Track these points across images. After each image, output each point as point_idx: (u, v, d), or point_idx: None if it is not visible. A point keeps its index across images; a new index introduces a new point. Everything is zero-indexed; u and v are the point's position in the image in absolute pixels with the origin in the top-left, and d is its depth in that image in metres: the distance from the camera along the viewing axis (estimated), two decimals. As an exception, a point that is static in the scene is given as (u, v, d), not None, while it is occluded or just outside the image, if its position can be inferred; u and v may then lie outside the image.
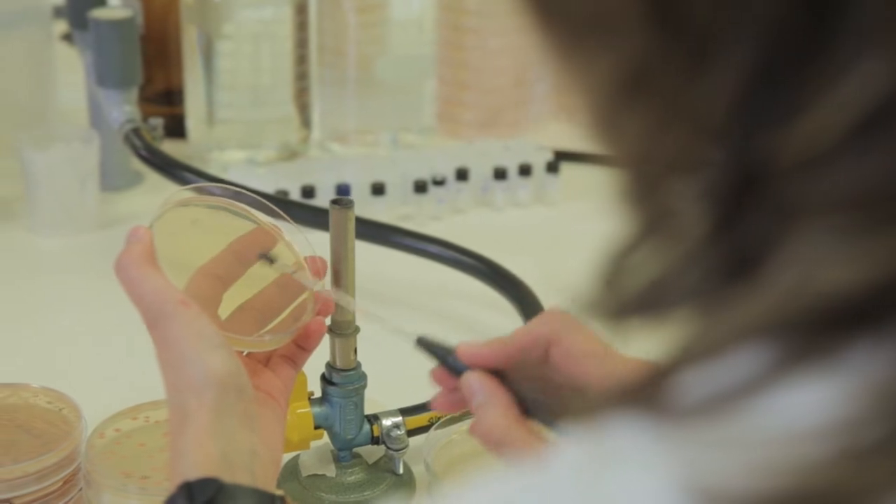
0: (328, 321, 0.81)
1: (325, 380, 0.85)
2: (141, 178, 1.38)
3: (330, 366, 0.85)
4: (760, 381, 0.29)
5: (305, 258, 0.77)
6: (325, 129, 1.46)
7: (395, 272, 1.15)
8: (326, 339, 0.84)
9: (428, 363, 1.05)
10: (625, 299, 0.34)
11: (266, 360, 0.75)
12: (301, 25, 1.38)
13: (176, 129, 1.38)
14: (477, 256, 1.07)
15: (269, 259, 0.73)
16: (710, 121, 0.30)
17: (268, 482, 0.65)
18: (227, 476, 0.62)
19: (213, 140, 1.39)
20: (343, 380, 0.84)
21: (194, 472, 0.62)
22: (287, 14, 1.37)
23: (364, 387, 0.85)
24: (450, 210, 1.32)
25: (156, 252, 0.71)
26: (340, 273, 0.81)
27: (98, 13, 1.23)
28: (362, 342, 0.84)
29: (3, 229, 1.26)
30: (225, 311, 0.74)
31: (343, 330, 0.83)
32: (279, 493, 0.64)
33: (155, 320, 0.68)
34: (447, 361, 0.66)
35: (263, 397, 0.72)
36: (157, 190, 1.35)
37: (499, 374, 0.65)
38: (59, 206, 1.24)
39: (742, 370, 0.30)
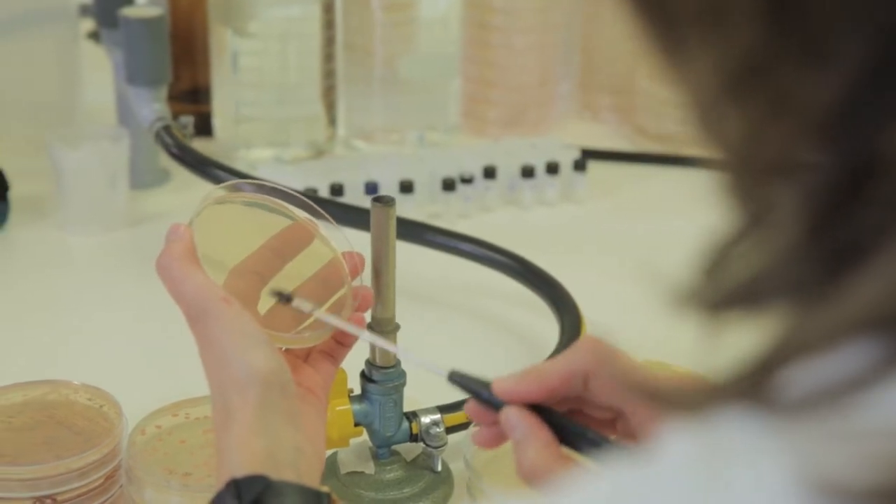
0: (368, 317, 0.82)
1: (365, 377, 0.85)
2: (168, 175, 1.38)
3: (370, 363, 0.85)
4: (869, 376, 0.30)
5: (343, 254, 0.76)
6: (351, 127, 1.47)
7: (427, 270, 1.15)
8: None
9: (469, 360, 1.06)
10: (724, 292, 0.34)
11: (305, 356, 0.75)
12: (328, 24, 1.39)
13: (202, 127, 1.39)
14: (511, 255, 1.07)
15: (286, 298, 0.72)
16: (819, 117, 0.30)
17: (312, 479, 0.65)
18: (273, 473, 0.62)
19: (239, 138, 1.40)
20: (383, 377, 0.85)
21: (241, 470, 0.62)
22: (315, 12, 1.37)
23: (403, 384, 0.86)
24: (477, 208, 1.32)
25: (196, 250, 0.71)
26: (381, 271, 0.82)
27: (128, 11, 1.24)
28: (401, 339, 0.84)
29: (33, 227, 1.27)
30: (264, 307, 0.73)
31: (383, 327, 0.84)
32: (325, 489, 0.64)
33: (197, 318, 0.68)
34: (482, 396, 0.65)
35: (304, 393, 0.72)
36: (185, 188, 1.36)
37: (537, 405, 0.64)
38: (90, 203, 1.24)
39: (850, 364, 0.30)
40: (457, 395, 0.91)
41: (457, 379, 0.66)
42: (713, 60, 0.33)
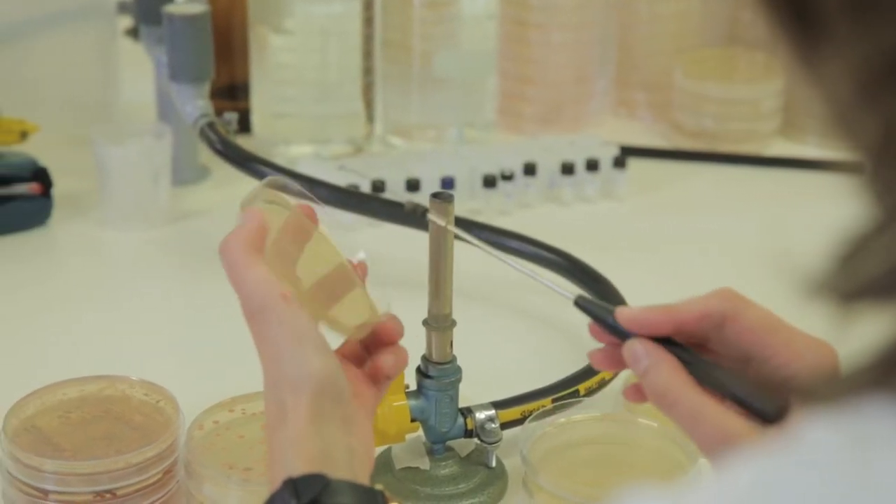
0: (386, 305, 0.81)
1: (421, 373, 0.86)
2: (208, 172, 1.38)
3: (426, 359, 0.85)
4: None
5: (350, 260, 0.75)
6: (387, 124, 1.47)
7: (471, 267, 1.15)
8: (423, 332, 0.85)
9: (518, 357, 1.06)
10: (860, 282, 0.34)
11: (359, 360, 0.74)
12: (368, 21, 1.39)
13: (240, 123, 1.39)
14: (560, 252, 1.07)
15: (423, 211, 0.71)
16: None
17: (364, 479, 0.65)
18: (330, 472, 0.62)
19: (278, 135, 1.40)
20: (439, 373, 0.85)
21: (297, 469, 0.62)
22: (355, 9, 1.37)
23: (459, 380, 0.86)
24: (517, 205, 1.32)
25: (262, 240, 0.70)
26: (439, 267, 0.82)
27: (172, 8, 1.24)
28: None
29: (75, 223, 1.27)
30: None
31: (440, 323, 0.84)
32: (379, 487, 0.64)
33: (254, 313, 0.67)
34: (607, 322, 0.65)
35: (355, 396, 0.71)
36: (225, 184, 1.36)
37: (661, 341, 0.65)
38: (133, 200, 1.24)
39: None
40: (510, 391, 0.92)
41: (582, 303, 0.67)
42: (855, 57, 0.33)
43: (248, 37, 1.40)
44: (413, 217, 0.77)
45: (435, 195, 0.81)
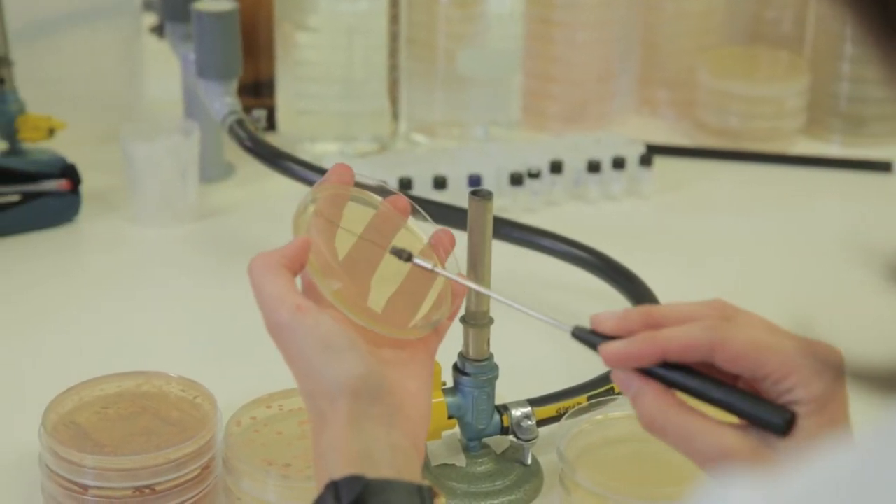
0: (462, 311, 0.82)
1: (458, 370, 0.86)
2: (233, 169, 1.39)
3: (463, 356, 0.85)
4: None
5: (432, 239, 0.75)
6: (411, 122, 1.47)
7: (506, 264, 1.15)
8: (459, 329, 0.85)
9: (551, 354, 1.06)
10: None
11: (403, 346, 0.74)
12: (394, 18, 1.39)
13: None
14: (590, 250, 1.07)
15: (407, 255, 0.72)
16: None
17: (412, 473, 0.65)
18: (371, 472, 0.62)
19: (303, 132, 1.40)
20: (476, 370, 0.85)
21: (338, 472, 0.62)
22: (381, 7, 1.37)
23: (496, 377, 0.86)
24: (543, 203, 1.33)
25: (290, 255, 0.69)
26: (477, 264, 0.82)
27: (201, 5, 1.24)
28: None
29: (103, 220, 1.27)
30: (378, 298, 0.73)
31: (477, 320, 0.84)
32: (425, 482, 0.64)
33: (273, 330, 0.67)
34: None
35: (400, 387, 0.70)
36: (250, 182, 1.37)
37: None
38: (161, 197, 1.25)
39: None
40: (543, 388, 0.92)
41: (578, 334, 0.67)
42: None
43: (274, 34, 1.40)
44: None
45: (474, 192, 0.81)
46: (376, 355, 0.68)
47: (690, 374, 0.64)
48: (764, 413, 0.62)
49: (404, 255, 0.71)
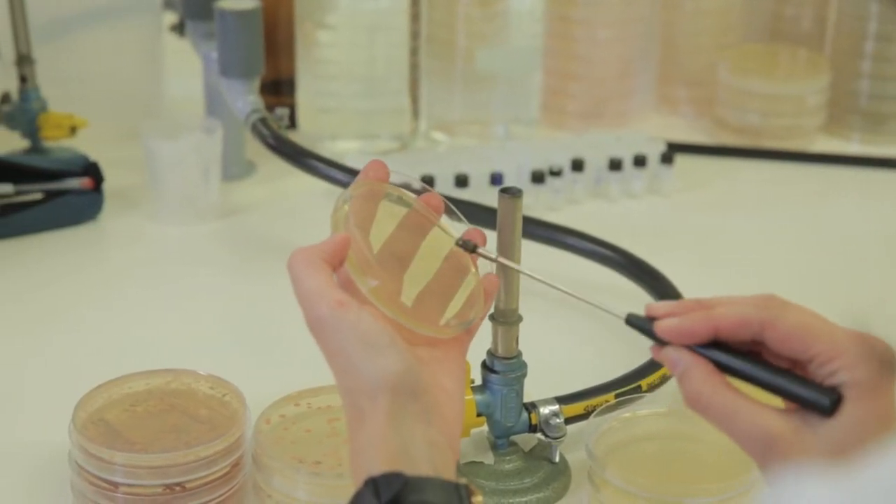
0: (491, 308, 0.82)
1: (487, 367, 0.86)
2: (254, 168, 1.39)
3: (491, 354, 0.85)
4: None
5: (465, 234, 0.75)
6: (431, 120, 1.47)
7: (534, 263, 1.15)
8: (488, 327, 0.85)
9: (577, 352, 1.06)
10: None
11: (435, 345, 0.74)
12: (415, 16, 1.39)
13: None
14: (616, 248, 1.07)
15: (472, 247, 0.72)
16: None
17: (448, 471, 0.65)
18: (410, 470, 0.62)
19: (324, 130, 1.40)
20: (505, 368, 0.85)
21: (377, 469, 0.62)
22: (402, 5, 1.37)
23: (524, 375, 0.86)
24: (564, 201, 1.33)
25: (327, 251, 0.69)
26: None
27: (224, 4, 1.24)
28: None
29: (125, 217, 1.28)
30: (409, 293, 0.73)
31: (507, 318, 0.84)
32: (462, 480, 0.64)
33: (313, 325, 0.67)
34: (656, 336, 0.66)
35: (435, 384, 0.70)
36: (270, 180, 1.37)
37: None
38: (184, 195, 1.25)
39: None
40: (569, 386, 0.92)
41: (632, 320, 0.68)
42: None
43: (295, 32, 1.40)
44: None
45: (504, 190, 0.81)
46: (412, 353, 0.68)
47: (738, 356, 0.65)
48: (810, 393, 0.62)
49: (469, 246, 0.72)
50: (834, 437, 0.61)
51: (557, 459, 0.88)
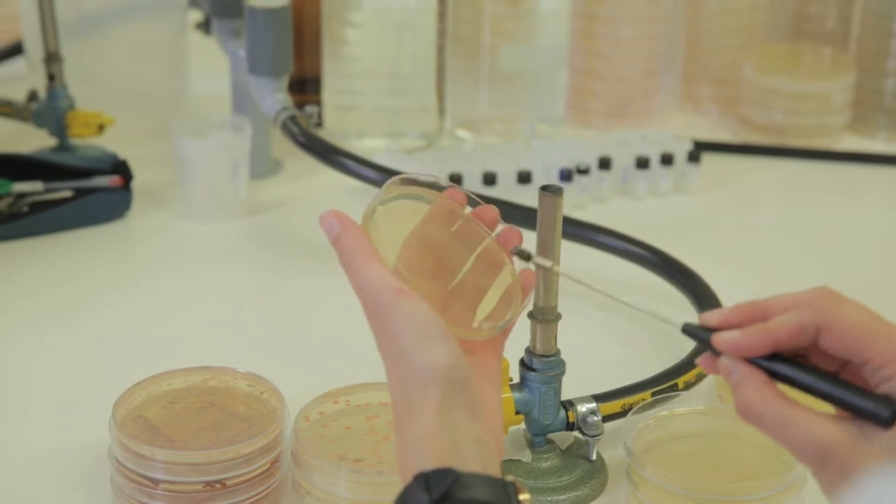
0: (530, 306, 0.82)
1: (525, 365, 0.86)
2: (280, 166, 1.39)
3: (530, 352, 0.86)
4: None
5: (499, 236, 0.75)
6: (455, 118, 1.47)
7: (569, 261, 1.15)
8: (526, 325, 0.85)
9: (612, 350, 1.06)
10: None
11: (472, 346, 0.74)
12: (442, 15, 1.39)
13: (312, 116, 1.40)
14: (649, 248, 1.07)
15: (527, 255, 0.72)
16: None
17: (495, 468, 0.65)
18: (460, 466, 0.62)
19: (350, 128, 1.40)
20: (543, 365, 0.85)
21: (428, 464, 0.62)
22: (428, 3, 1.37)
23: (563, 373, 0.86)
24: (590, 199, 1.33)
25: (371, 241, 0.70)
26: (547, 258, 0.82)
27: (255, 2, 1.24)
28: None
29: (153, 215, 1.28)
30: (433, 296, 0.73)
31: (546, 316, 0.84)
32: (509, 478, 0.64)
33: (374, 310, 0.67)
34: (712, 347, 0.66)
35: (480, 382, 0.71)
36: (298, 178, 1.37)
37: None
38: (212, 193, 1.25)
39: None
40: (604, 384, 0.92)
41: (689, 330, 0.67)
42: None
43: (321, 31, 1.40)
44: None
45: (545, 188, 0.82)
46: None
47: (792, 365, 0.65)
48: (869, 403, 0.62)
49: (525, 255, 0.72)
50: (891, 445, 0.61)
51: (594, 457, 0.88)
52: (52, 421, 0.95)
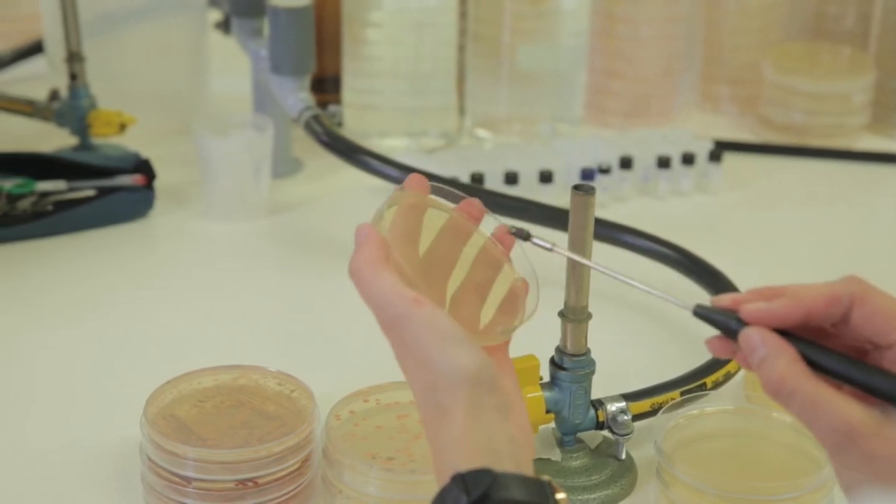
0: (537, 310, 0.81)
1: (556, 364, 0.86)
2: (301, 165, 1.39)
3: (560, 351, 0.86)
4: None
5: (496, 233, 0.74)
6: (475, 117, 1.47)
7: (598, 260, 1.15)
8: (557, 323, 0.85)
9: (640, 349, 1.06)
10: None
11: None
12: (463, 14, 1.39)
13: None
14: (674, 247, 1.07)
15: (525, 235, 0.71)
16: None
17: (528, 467, 0.65)
18: (496, 466, 0.62)
19: (370, 127, 1.40)
20: (574, 365, 0.85)
21: (464, 465, 0.62)
22: (450, 3, 1.37)
23: (593, 372, 0.86)
24: (612, 198, 1.33)
25: (386, 250, 0.69)
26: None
27: (277, 1, 1.24)
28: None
29: (175, 215, 1.28)
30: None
31: (576, 315, 0.84)
32: (545, 478, 0.64)
33: (390, 324, 0.67)
34: (731, 327, 0.64)
35: (504, 381, 0.70)
36: (318, 177, 1.37)
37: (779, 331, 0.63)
38: (235, 192, 1.25)
39: None
40: (633, 383, 0.92)
41: (700, 312, 0.65)
42: None
43: (341, 30, 1.41)
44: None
45: (577, 187, 0.82)
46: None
47: (818, 348, 0.63)
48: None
49: (523, 234, 0.71)
50: None
51: (624, 456, 0.89)
52: (76, 417, 0.95)
